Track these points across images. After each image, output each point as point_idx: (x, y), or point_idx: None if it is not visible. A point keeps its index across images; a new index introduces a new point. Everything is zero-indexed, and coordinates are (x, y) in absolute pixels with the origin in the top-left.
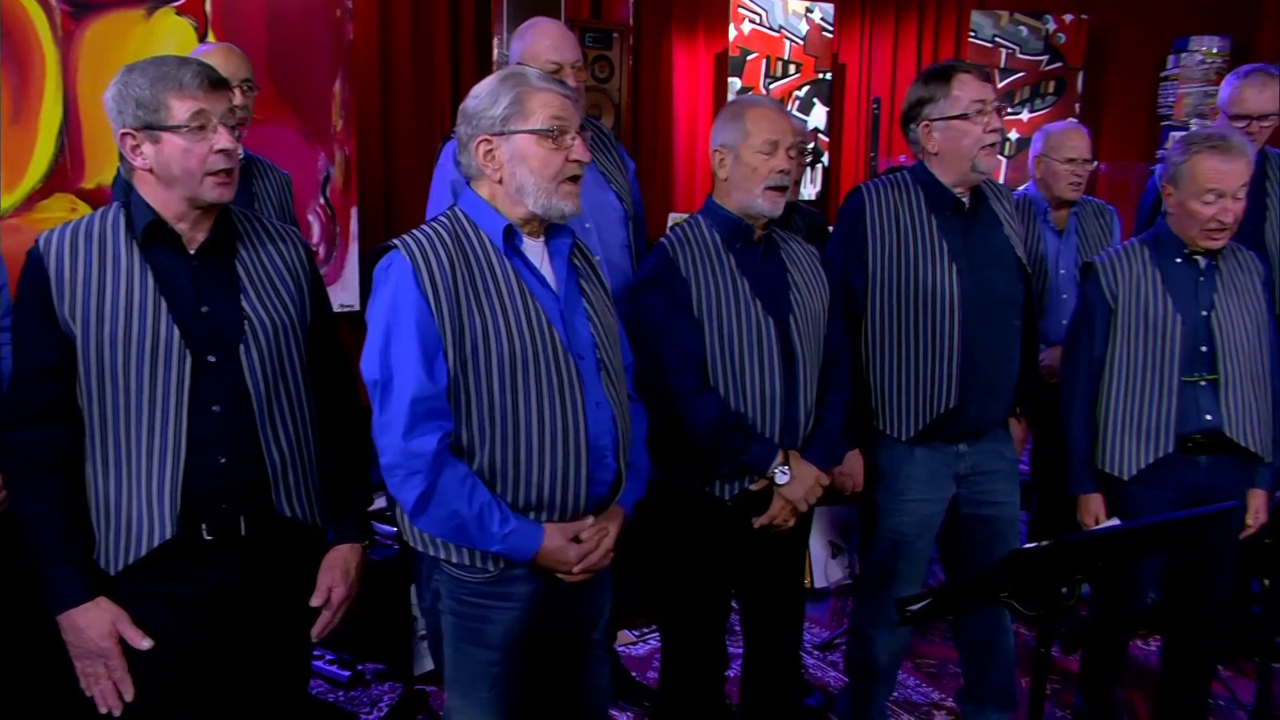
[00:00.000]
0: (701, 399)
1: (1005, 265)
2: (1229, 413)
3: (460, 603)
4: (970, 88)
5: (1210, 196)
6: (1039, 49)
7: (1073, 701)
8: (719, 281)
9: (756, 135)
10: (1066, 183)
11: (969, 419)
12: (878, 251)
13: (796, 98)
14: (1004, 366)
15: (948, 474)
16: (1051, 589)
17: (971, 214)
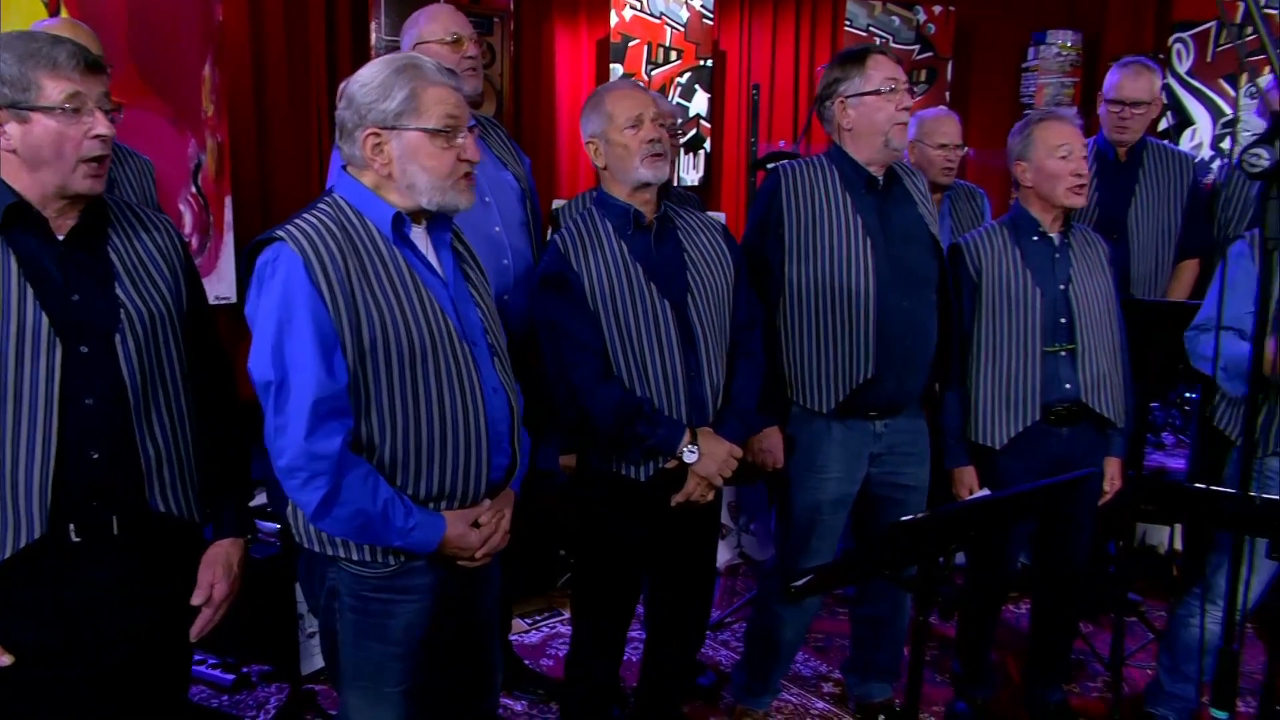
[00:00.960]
0: (602, 390)
1: (919, 241)
2: (1086, 381)
3: (361, 599)
4: (883, 67)
5: (1064, 151)
6: (911, 39)
7: (950, 667)
8: (611, 271)
9: (619, 115)
10: (939, 168)
11: (887, 391)
12: (794, 228)
13: (678, 84)
14: (921, 340)
15: (864, 452)
16: (929, 559)
17: (885, 192)
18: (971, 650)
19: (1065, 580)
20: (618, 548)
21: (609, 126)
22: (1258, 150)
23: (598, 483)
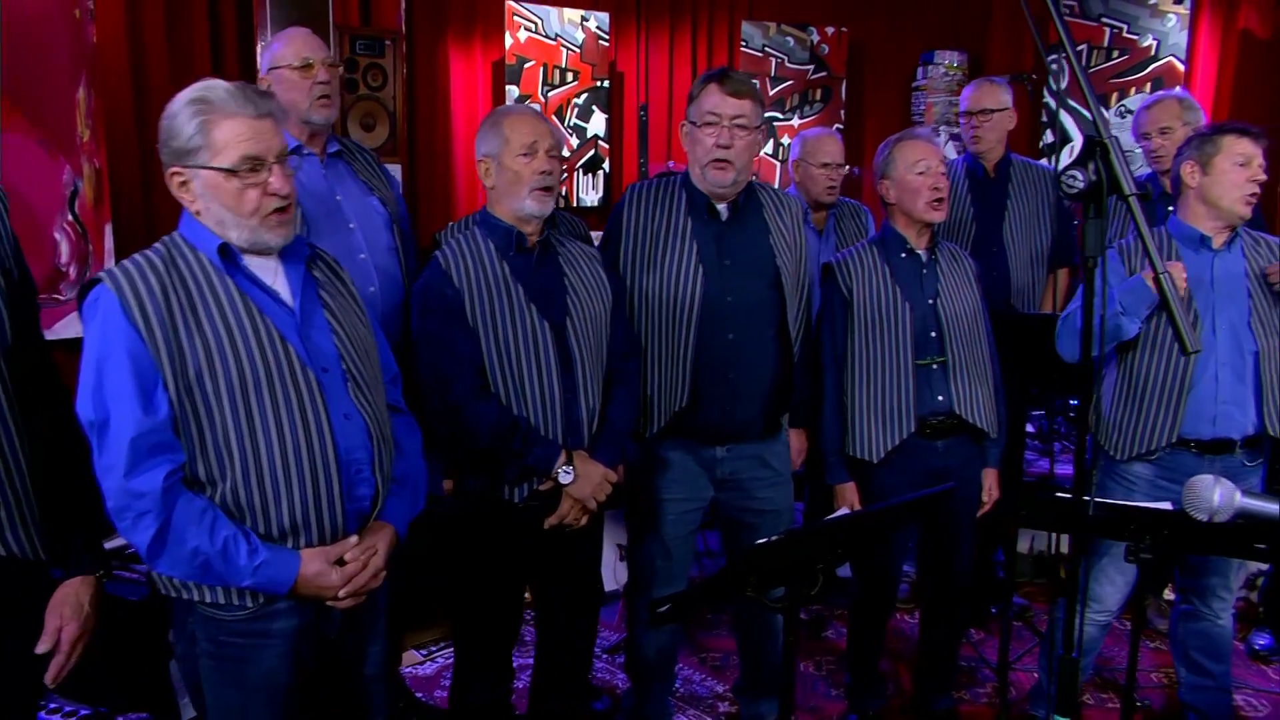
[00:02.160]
0: (480, 405)
1: (761, 274)
2: (958, 392)
3: (217, 644)
4: (711, 99)
5: (921, 167)
6: (805, 59)
7: (843, 679)
8: (493, 290)
9: (515, 140)
10: (823, 186)
11: (711, 422)
12: (629, 250)
13: (575, 105)
14: (754, 373)
15: (704, 476)
16: (794, 580)
17: (732, 220)
18: (861, 661)
19: (949, 589)
20: (494, 572)
21: (504, 150)
22: (1073, 172)
23: (475, 506)
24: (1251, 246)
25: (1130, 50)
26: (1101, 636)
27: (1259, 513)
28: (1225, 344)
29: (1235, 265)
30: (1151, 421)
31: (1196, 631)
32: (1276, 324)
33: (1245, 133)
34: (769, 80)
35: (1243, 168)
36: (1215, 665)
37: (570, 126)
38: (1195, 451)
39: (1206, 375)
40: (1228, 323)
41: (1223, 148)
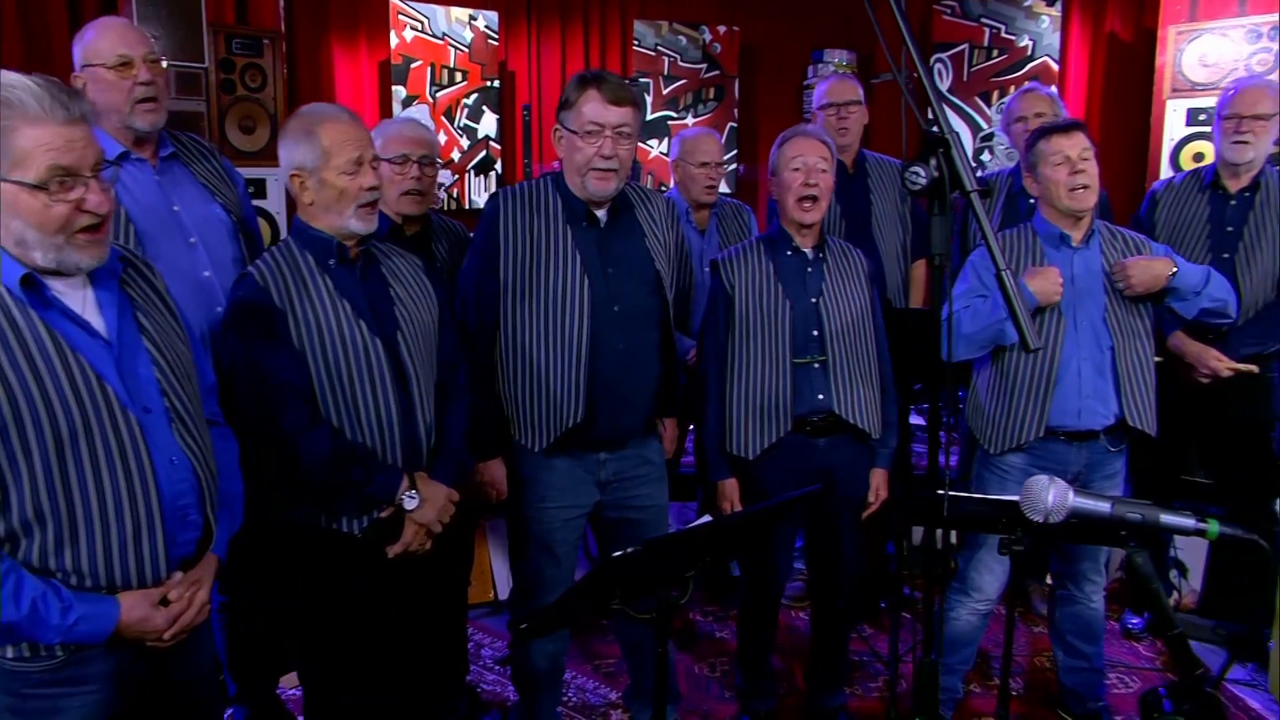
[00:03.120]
0: (312, 435)
1: (642, 278)
2: (838, 392)
3: (20, 698)
4: (592, 107)
5: (797, 163)
6: (698, 58)
7: (735, 681)
8: (317, 307)
9: (339, 156)
10: (702, 186)
11: (601, 432)
12: (510, 259)
13: (465, 106)
14: (639, 379)
15: (589, 481)
16: (661, 589)
17: (610, 226)
18: (752, 661)
19: (837, 586)
20: (339, 609)
21: (323, 165)
22: (915, 168)
23: (304, 541)
24: (1109, 241)
25: (1009, 50)
26: (983, 625)
27: (1091, 511)
28: (1086, 340)
29: (1093, 262)
30: (1021, 416)
31: (1071, 615)
32: (1131, 318)
33: (1055, 130)
34: (662, 79)
35: (1062, 165)
36: (1088, 646)
37: (460, 127)
38: (1064, 440)
39: (1070, 371)
40: (1088, 319)
41: (1042, 153)
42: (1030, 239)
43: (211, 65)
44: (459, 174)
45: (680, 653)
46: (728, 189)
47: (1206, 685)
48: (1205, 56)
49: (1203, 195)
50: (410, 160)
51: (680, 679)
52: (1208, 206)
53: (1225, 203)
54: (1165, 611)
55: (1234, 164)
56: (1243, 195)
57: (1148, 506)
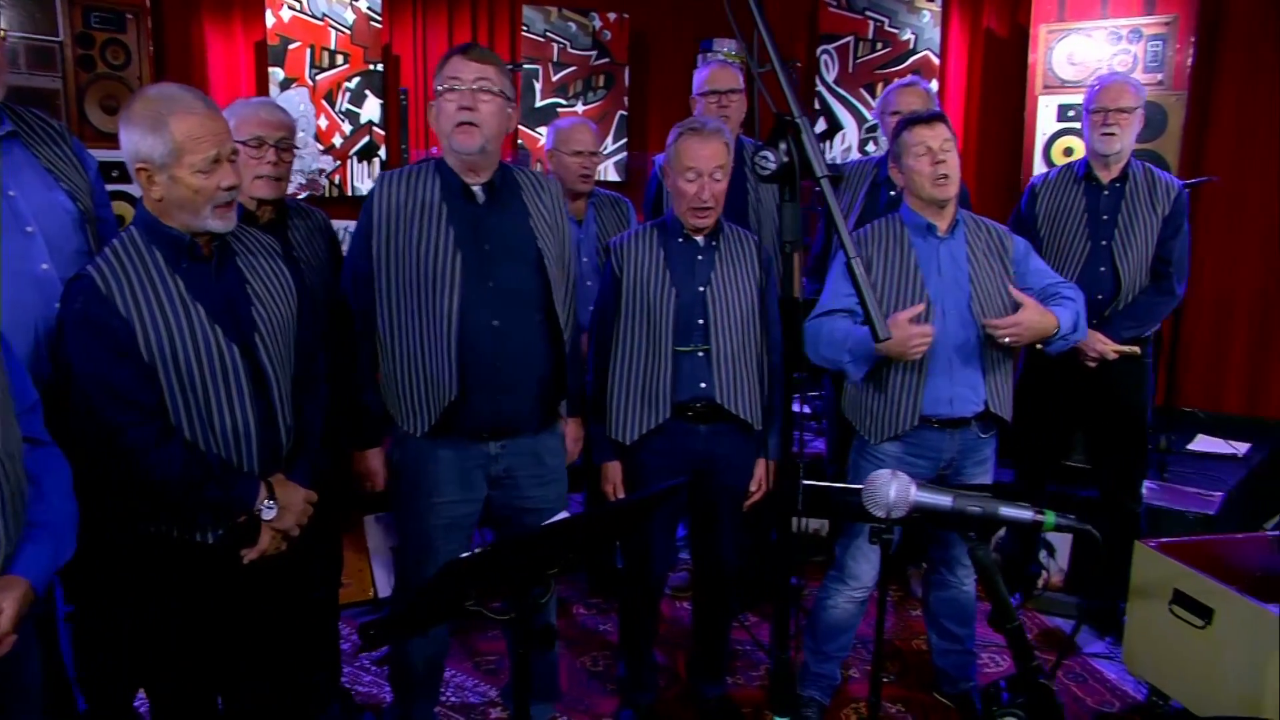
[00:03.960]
0: (162, 453)
1: (521, 256)
2: (720, 382)
3: None
4: (452, 66)
5: (691, 174)
6: (588, 45)
7: (616, 674)
8: (168, 313)
9: (192, 154)
10: (576, 175)
11: (483, 415)
12: (383, 240)
13: (346, 89)
14: (519, 360)
15: (479, 474)
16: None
17: (490, 203)
18: (634, 653)
19: (718, 576)
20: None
21: (174, 162)
22: (765, 153)
23: (157, 552)
24: (974, 231)
25: (892, 43)
26: (860, 612)
27: (933, 506)
28: (954, 328)
29: (959, 251)
30: (896, 407)
31: (944, 599)
32: (995, 307)
33: (918, 121)
34: (552, 66)
35: (925, 156)
36: (961, 629)
37: (342, 112)
38: (938, 428)
39: (941, 360)
40: (955, 308)
41: (905, 145)
42: (898, 229)
43: (67, 39)
44: (341, 160)
45: (563, 648)
46: (618, 177)
47: (1041, 677)
48: (1073, 55)
49: (1078, 187)
50: (266, 144)
51: (562, 675)
52: (1084, 198)
53: (1099, 193)
54: (1004, 604)
55: (1104, 155)
56: (1114, 186)
57: (987, 500)
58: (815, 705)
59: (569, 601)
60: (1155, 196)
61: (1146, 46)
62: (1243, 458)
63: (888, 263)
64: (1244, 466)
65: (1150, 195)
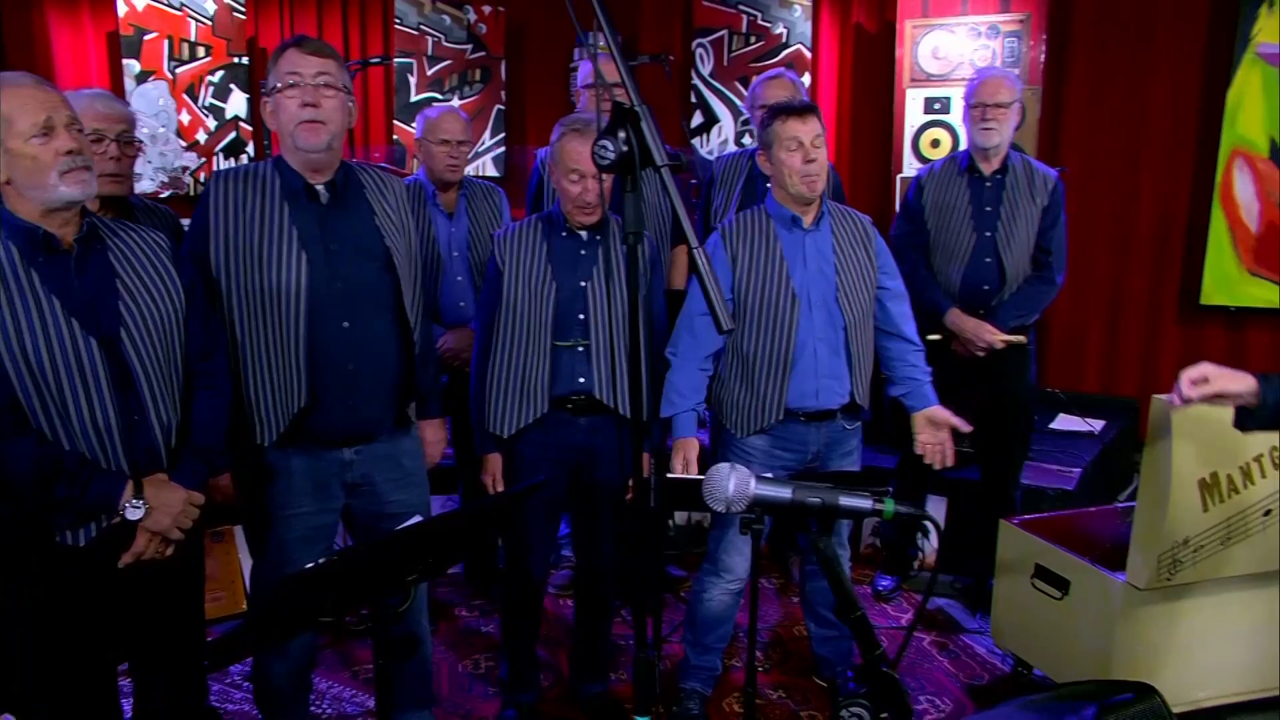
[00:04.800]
0: (13, 447)
1: (369, 255)
2: (599, 376)
3: None
4: (289, 60)
5: (574, 175)
6: (463, 38)
7: (498, 675)
8: (18, 307)
9: (20, 119)
10: (443, 164)
11: (338, 422)
12: (221, 241)
13: (209, 83)
14: (374, 363)
15: (335, 482)
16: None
17: (333, 202)
18: (516, 653)
19: (597, 572)
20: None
21: (5, 134)
22: (604, 142)
23: (27, 552)
24: (839, 222)
25: (765, 37)
26: (736, 603)
27: (773, 499)
28: (820, 321)
29: (824, 243)
30: (762, 400)
31: (820, 588)
32: (861, 299)
33: (790, 114)
34: (426, 59)
35: (795, 151)
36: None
37: (206, 106)
38: (803, 421)
39: (806, 352)
40: (821, 300)
41: (776, 136)
42: (763, 221)
43: None
44: (206, 157)
45: (445, 651)
46: (497, 171)
47: (884, 665)
48: (937, 50)
49: (962, 179)
50: (106, 138)
51: (442, 680)
52: (967, 190)
53: (982, 185)
54: (847, 595)
55: (984, 148)
56: (995, 178)
57: (828, 490)
58: (697, 696)
59: (451, 604)
60: (1034, 188)
61: (1004, 43)
62: (1098, 435)
63: (754, 255)
64: (1099, 443)
65: (1030, 187)
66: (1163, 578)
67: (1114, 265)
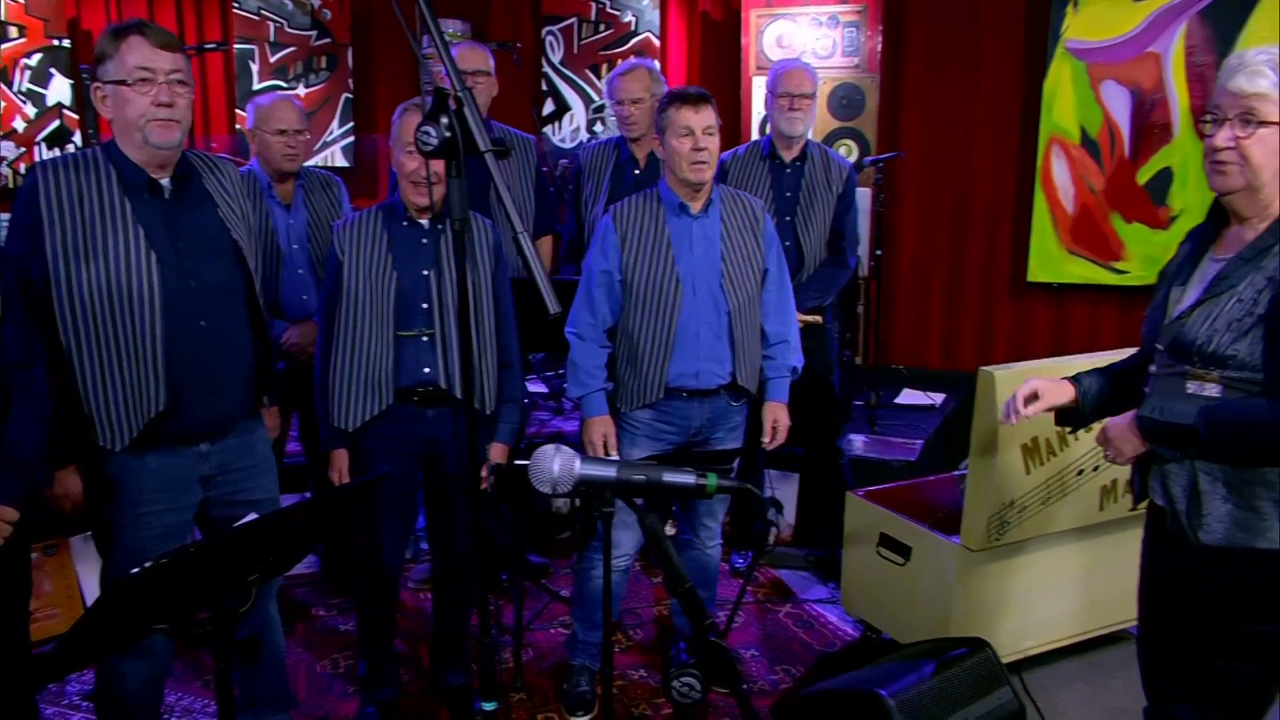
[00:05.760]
0: None
1: (219, 249)
2: (446, 366)
3: None
4: (139, 52)
5: (411, 148)
6: (306, 24)
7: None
8: None
9: None
10: (281, 155)
11: (196, 420)
12: (58, 241)
13: (26, 67)
14: (231, 359)
15: (191, 479)
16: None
17: (176, 196)
18: (373, 649)
19: (455, 563)
20: None
21: None
22: (426, 128)
23: None
24: (729, 208)
25: (614, 25)
26: (624, 579)
27: (598, 477)
28: (705, 305)
29: (712, 229)
30: (645, 377)
31: (689, 560)
32: (747, 285)
33: (685, 102)
34: (268, 46)
35: (687, 138)
36: (704, 591)
37: (23, 92)
38: (686, 397)
39: (688, 335)
40: (706, 286)
41: (670, 122)
42: (655, 206)
43: None
44: (26, 146)
45: (302, 653)
46: (346, 162)
47: (712, 635)
48: (782, 39)
49: (764, 164)
50: None
51: (300, 681)
52: (769, 175)
53: (782, 171)
54: (675, 569)
55: (790, 136)
56: (795, 165)
57: (652, 468)
58: (587, 672)
59: (308, 604)
60: (830, 175)
61: (843, 32)
62: (939, 407)
63: (642, 238)
64: (940, 415)
65: (826, 174)
66: (993, 538)
67: (952, 247)
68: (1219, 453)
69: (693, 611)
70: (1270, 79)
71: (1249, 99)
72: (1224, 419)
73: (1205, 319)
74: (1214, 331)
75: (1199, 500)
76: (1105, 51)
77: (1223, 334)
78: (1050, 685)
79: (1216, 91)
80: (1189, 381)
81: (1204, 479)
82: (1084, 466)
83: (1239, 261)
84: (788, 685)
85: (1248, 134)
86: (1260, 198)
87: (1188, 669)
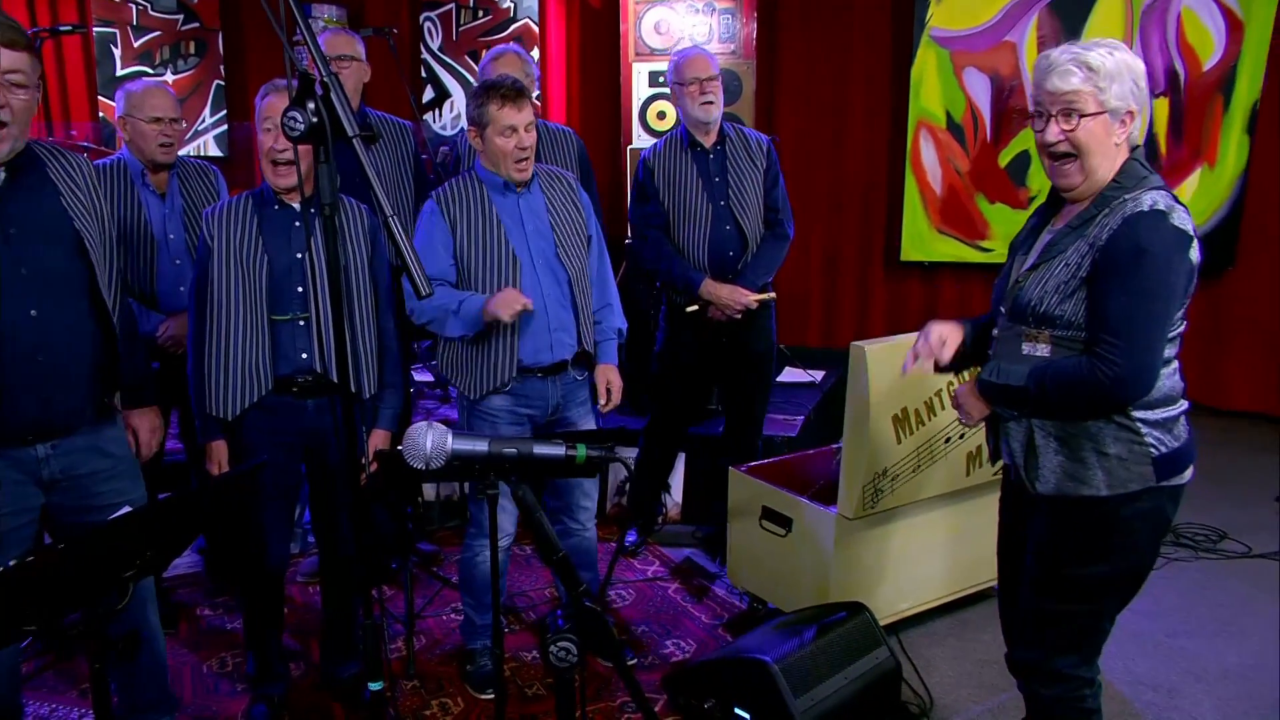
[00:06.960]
0: None
1: (55, 238)
2: (323, 350)
3: None
4: None
5: (269, 124)
6: (172, 8)
7: (245, 670)
8: None
9: None
10: (155, 144)
11: (28, 415)
12: None
13: None
14: (71, 352)
15: (26, 482)
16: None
17: (10, 184)
18: (260, 646)
19: (339, 555)
20: None
21: None
22: (293, 114)
23: None
24: (548, 183)
25: (493, 11)
26: (506, 560)
27: (470, 452)
28: (545, 277)
29: (538, 203)
30: (494, 359)
31: (569, 546)
32: (579, 253)
33: (506, 99)
34: (131, 30)
35: (510, 138)
36: (586, 574)
37: None
38: (540, 376)
39: (536, 307)
40: (543, 257)
41: (490, 118)
42: (476, 186)
43: None
44: None
45: (188, 653)
46: (220, 151)
47: (586, 601)
48: (660, 25)
49: (686, 154)
50: None
51: (185, 682)
52: (693, 164)
53: (706, 158)
54: (548, 539)
55: (706, 122)
56: (716, 149)
57: (522, 442)
58: (489, 652)
59: (192, 604)
60: (752, 153)
61: (719, 19)
62: (819, 384)
63: (471, 220)
64: (820, 391)
65: (748, 151)
66: (867, 506)
67: (829, 227)
68: (1047, 409)
69: (567, 579)
70: (1079, 75)
71: (1065, 96)
72: (1049, 376)
73: (1038, 282)
74: (1045, 293)
75: (1035, 453)
76: (966, 40)
77: (1052, 295)
78: (924, 643)
79: (1036, 91)
80: (1025, 342)
81: (1038, 434)
82: (951, 434)
83: (1067, 230)
84: (679, 658)
85: (1073, 126)
86: (1093, 182)
87: (1031, 614)
